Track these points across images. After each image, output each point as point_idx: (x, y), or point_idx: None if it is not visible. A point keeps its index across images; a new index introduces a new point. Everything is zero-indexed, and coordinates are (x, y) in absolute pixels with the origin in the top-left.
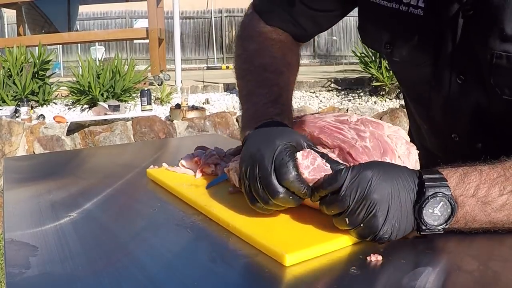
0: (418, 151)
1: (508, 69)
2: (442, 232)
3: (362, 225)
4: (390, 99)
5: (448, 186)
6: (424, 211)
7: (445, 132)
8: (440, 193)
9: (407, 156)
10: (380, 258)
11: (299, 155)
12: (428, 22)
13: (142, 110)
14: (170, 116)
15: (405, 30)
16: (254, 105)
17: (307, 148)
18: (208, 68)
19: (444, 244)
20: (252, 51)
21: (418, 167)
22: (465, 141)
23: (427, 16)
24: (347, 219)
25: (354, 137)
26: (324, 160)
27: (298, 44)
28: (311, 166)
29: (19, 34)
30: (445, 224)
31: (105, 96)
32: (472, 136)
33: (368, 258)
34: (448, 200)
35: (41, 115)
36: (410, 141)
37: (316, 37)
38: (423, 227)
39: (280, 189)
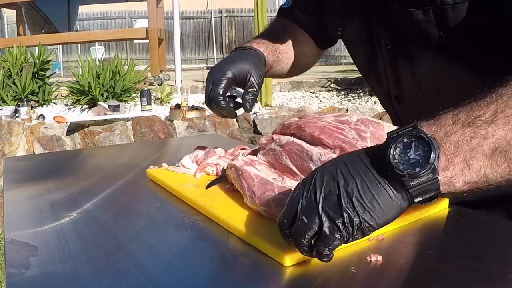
0: None
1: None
2: (438, 186)
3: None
4: None
5: (414, 126)
6: (396, 161)
7: (392, 99)
8: (405, 134)
9: None
10: (380, 258)
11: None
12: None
13: (142, 110)
14: (170, 116)
15: (348, 11)
16: (245, 42)
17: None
18: (208, 68)
19: (444, 244)
20: (266, 27)
21: None
22: (408, 107)
23: None
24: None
25: (355, 137)
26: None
27: (309, 38)
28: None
29: (19, 34)
30: (428, 166)
31: (105, 96)
32: (414, 101)
33: (368, 258)
34: (418, 136)
35: (41, 115)
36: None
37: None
38: (409, 183)
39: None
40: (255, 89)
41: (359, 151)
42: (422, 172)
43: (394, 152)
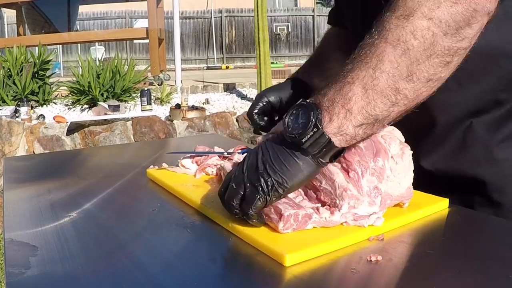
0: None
1: None
2: (327, 137)
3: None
4: None
5: (301, 99)
6: (290, 129)
7: None
8: (295, 107)
9: (401, 156)
10: (380, 258)
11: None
12: None
13: (142, 110)
14: (170, 116)
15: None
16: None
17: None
18: (208, 68)
19: (444, 244)
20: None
21: (412, 168)
22: None
23: None
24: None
25: None
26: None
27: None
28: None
29: (19, 34)
30: (310, 122)
31: (105, 96)
32: None
33: (368, 258)
34: (301, 105)
35: (41, 115)
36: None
37: (316, 36)
38: (300, 141)
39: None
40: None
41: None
42: (307, 129)
43: (288, 122)
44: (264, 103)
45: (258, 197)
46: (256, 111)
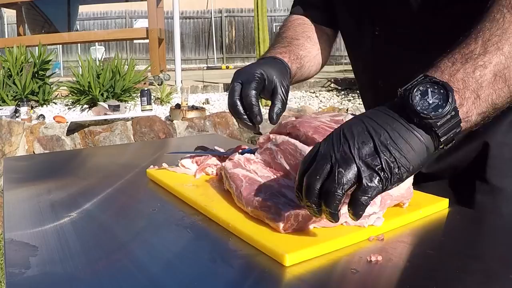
0: None
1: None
2: (459, 122)
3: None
4: None
5: (424, 75)
6: (419, 108)
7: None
8: (419, 83)
9: None
10: (380, 258)
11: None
12: None
13: (142, 110)
14: (170, 116)
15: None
16: (267, 51)
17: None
18: (208, 68)
19: (444, 244)
20: (279, 32)
21: None
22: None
23: None
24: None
25: None
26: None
27: (324, 30)
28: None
29: (19, 34)
30: (449, 105)
31: (105, 96)
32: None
33: (368, 258)
34: (432, 81)
35: (41, 115)
36: None
37: None
38: (435, 124)
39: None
40: (283, 100)
41: (378, 108)
42: (446, 112)
43: (415, 100)
44: (262, 79)
45: (380, 185)
46: (254, 90)
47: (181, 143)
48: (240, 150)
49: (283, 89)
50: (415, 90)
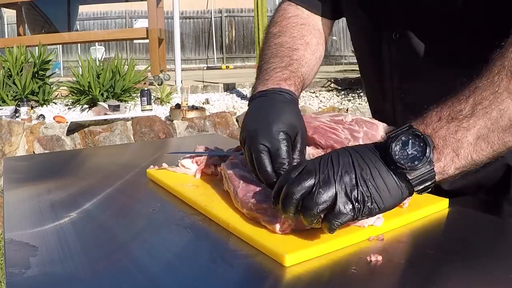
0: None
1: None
2: (434, 176)
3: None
4: None
5: (409, 126)
6: (397, 157)
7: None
8: (403, 133)
9: None
10: (380, 258)
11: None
12: None
13: (142, 110)
14: (170, 116)
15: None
16: (265, 70)
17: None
18: (208, 68)
19: (444, 244)
20: (274, 33)
21: None
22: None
23: None
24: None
25: (347, 137)
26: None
27: (321, 31)
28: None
29: (19, 34)
30: (425, 159)
31: (105, 96)
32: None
33: (368, 258)
34: (414, 134)
35: (41, 115)
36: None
37: None
38: (410, 174)
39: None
40: (303, 150)
41: (367, 145)
42: (421, 165)
43: (395, 148)
44: (286, 143)
45: (351, 213)
46: (285, 156)
47: (181, 143)
48: (240, 150)
49: (302, 137)
50: (397, 139)
